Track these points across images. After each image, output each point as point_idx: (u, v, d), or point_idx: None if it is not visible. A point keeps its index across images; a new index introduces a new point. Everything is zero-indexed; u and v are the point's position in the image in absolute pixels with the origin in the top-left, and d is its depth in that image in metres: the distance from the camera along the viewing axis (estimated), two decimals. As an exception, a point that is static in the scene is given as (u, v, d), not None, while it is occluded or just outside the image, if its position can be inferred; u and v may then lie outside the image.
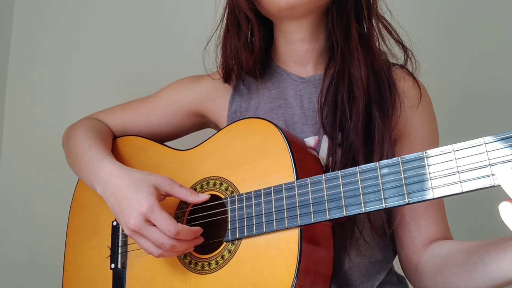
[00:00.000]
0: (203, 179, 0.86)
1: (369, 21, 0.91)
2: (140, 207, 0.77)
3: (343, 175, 0.70)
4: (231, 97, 1.00)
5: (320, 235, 0.76)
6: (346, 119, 0.85)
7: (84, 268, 0.96)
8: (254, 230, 0.76)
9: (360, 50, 0.88)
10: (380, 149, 0.82)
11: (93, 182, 0.90)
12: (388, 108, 0.86)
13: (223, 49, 0.97)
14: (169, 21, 1.47)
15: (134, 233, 0.79)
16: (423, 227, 0.87)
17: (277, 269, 0.72)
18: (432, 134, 0.91)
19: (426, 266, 0.83)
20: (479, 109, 1.33)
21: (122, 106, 1.08)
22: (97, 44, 1.48)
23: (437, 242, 0.85)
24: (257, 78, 0.97)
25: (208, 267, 0.80)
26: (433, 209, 0.88)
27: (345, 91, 0.86)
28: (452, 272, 0.76)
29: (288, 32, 0.93)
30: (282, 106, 0.94)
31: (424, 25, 1.36)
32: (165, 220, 0.76)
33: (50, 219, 1.13)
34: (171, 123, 1.04)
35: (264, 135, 0.81)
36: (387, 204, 0.65)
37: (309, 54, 0.95)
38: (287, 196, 0.74)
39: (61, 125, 1.09)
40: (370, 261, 0.88)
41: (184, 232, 0.77)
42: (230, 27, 0.95)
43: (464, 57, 1.36)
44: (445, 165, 0.61)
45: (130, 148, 1.00)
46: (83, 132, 0.99)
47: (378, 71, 0.89)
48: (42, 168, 1.41)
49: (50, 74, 1.48)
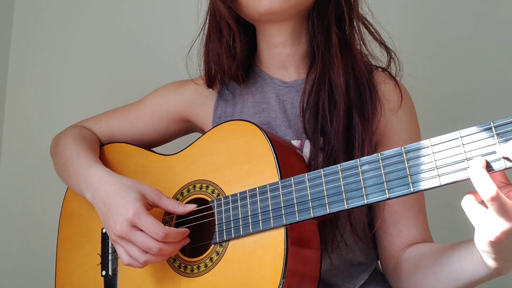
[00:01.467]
0: (190, 183, 0.87)
1: (350, 25, 0.91)
2: (126, 213, 0.78)
3: (325, 173, 0.71)
4: (216, 102, 1.01)
5: (306, 234, 0.77)
6: (327, 124, 0.86)
7: (76, 275, 0.96)
8: (241, 231, 0.77)
9: (339, 56, 0.88)
10: (360, 153, 0.83)
11: (82, 188, 0.90)
12: (368, 113, 0.87)
13: (205, 55, 0.97)
14: (153, 25, 1.48)
15: (120, 238, 0.80)
16: (403, 231, 0.87)
17: (264, 269, 0.73)
18: (413, 137, 0.91)
19: (403, 269, 0.84)
20: (461, 111, 1.33)
21: (108, 114, 1.08)
22: (94, 47, 1.49)
23: (414, 245, 0.86)
24: (240, 83, 0.98)
25: (197, 270, 0.81)
26: (413, 213, 0.88)
27: (325, 96, 0.87)
28: (423, 274, 0.77)
29: (270, 35, 0.94)
30: (265, 110, 0.95)
31: (407, 27, 1.37)
32: (152, 224, 0.77)
33: (49, 221, 1.14)
34: (157, 129, 1.05)
35: (248, 137, 0.82)
36: (368, 200, 0.66)
37: (291, 58, 0.95)
38: (272, 196, 0.75)
39: (60, 127, 1.09)
40: (352, 263, 0.89)
41: (173, 234, 0.78)
42: (212, 33, 0.95)
43: (447, 59, 1.37)
44: (423, 159, 0.62)
45: (117, 155, 1.01)
46: (71, 140, 1.00)
47: (359, 75, 0.89)
48: (42, 169, 1.40)
49: (50, 75, 1.49)
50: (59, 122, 1.14)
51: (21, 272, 1.40)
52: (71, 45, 1.49)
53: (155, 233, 0.76)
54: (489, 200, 0.54)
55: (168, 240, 0.77)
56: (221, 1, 0.90)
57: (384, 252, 0.90)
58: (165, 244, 0.77)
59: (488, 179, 0.54)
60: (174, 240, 0.78)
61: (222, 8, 0.90)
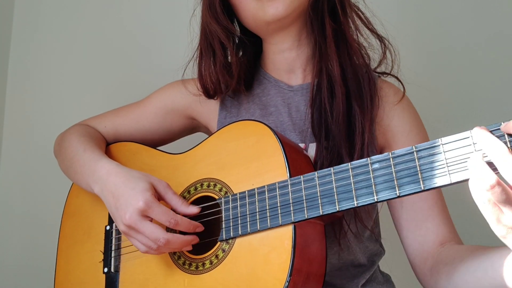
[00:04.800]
0: (197, 181, 0.87)
1: (343, 15, 0.91)
2: (137, 203, 0.78)
3: (336, 171, 0.71)
4: (221, 101, 1.01)
5: (313, 234, 0.77)
6: (328, 116, 0.87)
7: (76, 273, 0.95)
8: (248, 228, 0.77)
9: (333, 46, 0.89)
10: (361, 140, 0.84)
11: (90, 182, 0.90)
12: (367, 100, 0.88)
13: (199, 77, 0.97)
14: (154, 25, 1.48)
15: (130, 228, 0.79)
16: (431, 229, 0.85)
17: (270, 266, 0.73)
18: (421, 135, 0.92)
19: (442, 273, 0.79)
20: (461, 111, 1.33)
21: (112, 112, 1.09)
22: (94, 46, 1.49)
23: (448, 245, 0.83)
24: (243, 93, 0.98)
25: (202, 267, 0.80)
26: (438, 209, 0.86)
27: (325, 89, 0.88)
28: (464, 280, 0.72)
29: (277, 43, 0.95)
30: (273, 114, 0.96)
31: (404, 21, 1.37)
32: (164, 212, 0.78)
33: (50, 220, 1.13)
34: (162, 127, 1.05)
35: (257, 136, 0.82)
36: (378, 197, 0.67)
37: (298, 61, 0.96)
38: (281, 193, 0.75)
39: (60, 126, 1.09)
40: (354, 265, 0.89)
41: (184, 223, 0.79)
42: (204, 53, 0.95)
43: (444, 54, 1.36)
44: (434, 157, 0.63)
45: (123, 153, 1.01)
46: (76, 137, 1.00)
47: (356, 64, 0.90)
48: (42, 168, 1.41)
49: (50, 75, 1.48)
50: (59, 122, 1.14)
51: (21, 272, 1.38)
52: (72, 45, 1.49)
53: (167, 221, 0.78)
54: (489, 189, 0.54)
55: (180, 228, 0.79)
56: (216, 23, 0.91)
57: (416, 256, 0.86)
58: (173, 236, 0.78)
59: (487, 168, 0.55)
60: (186, 229, 0.79)
61: (217, 29, 0.90)
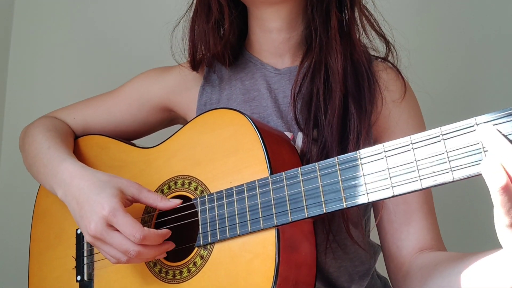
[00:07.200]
0: (171, 179, 0.79)
1: (351, 9, 0.83)
2: (101, 211, 0.70)
3: (321, 167, 0.63)
4: (201, 88, 0.93)
5: (300, 235, 0.69)
6: (321, 114, 0.78)
7: (49, 280, 0.89)
8: (227, 233, 0.69)
9: (338, 40, 0.81)
10: (354, 147, 0.75)
11: (53, 185, 0.82)
12: (366, 104, 0.79)
13: (191, 32, 0.90)
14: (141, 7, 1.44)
15: (96, 239, 0.72)
16: (412, 234, 0.78)
17: (253, 275, 0.66)
18: (418, 130, 0.83)
19: (414, 278, 0.74)
20: (461, 110, 1.29)
21: (83, 103, 1.00)
22: (95, 46, 1.45)
23: (426, 252, 0.77)
24: (227, 65, 0.90)
25: (179, 276, 0.73)
26: (423, 213, 0.79)
27: (321, 84, 0.80)
28: (437, 285, 0.66)
29: (264, 20, 0.86)
30: (256, 99, 0.87)
31: (408, 21, 1.34)
32: (129, 224, 0.69)
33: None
34: (137, 119, 0.96)
35: (234, 127, 0.73)
36: (371, 197, 0.58)
37: (286, 44, 0.87)
38: (261, 193, 0.67)
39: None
40: (349, 272, 0.82)
41: (151, 237, 0.70)
42: (199, 8, 0.88)
43: (448, 56, 1.34)
44: (433, 150, 0.55)
45: (91, 148, 0.92)
46: (41, 132, 0.91)
47: (357, 63, 0.82)
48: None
49: (50, 74, 1.45)
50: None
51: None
52: (72, 45, 1.45)
53: (131, 235, 0.68)
54: (499, 190, 0.47)
55: (147, 243, 0.69)
56: None
57: (392, 261, 0.80)
58: (144, 247, 0.69)
59: (500, 168, 0.48)
60: (153, 243, 0.70)
61: None
